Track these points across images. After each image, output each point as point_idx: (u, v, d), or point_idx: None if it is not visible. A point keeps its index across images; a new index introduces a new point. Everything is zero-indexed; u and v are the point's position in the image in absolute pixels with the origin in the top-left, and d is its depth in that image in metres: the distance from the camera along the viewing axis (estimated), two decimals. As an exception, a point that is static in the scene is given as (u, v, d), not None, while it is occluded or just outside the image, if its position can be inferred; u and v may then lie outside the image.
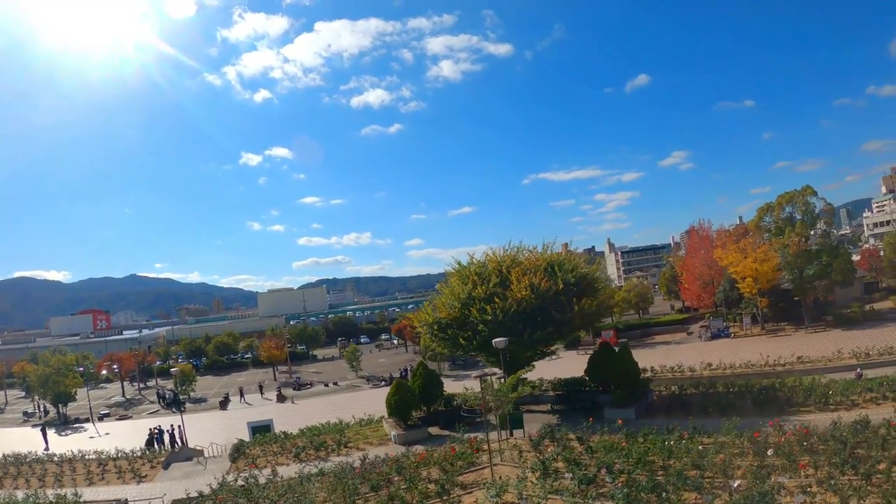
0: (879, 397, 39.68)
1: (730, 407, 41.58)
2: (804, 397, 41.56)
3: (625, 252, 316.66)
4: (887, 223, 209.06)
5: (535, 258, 50.83)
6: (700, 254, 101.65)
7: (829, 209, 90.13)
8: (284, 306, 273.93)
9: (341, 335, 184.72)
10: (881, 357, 58.29)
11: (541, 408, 51.66)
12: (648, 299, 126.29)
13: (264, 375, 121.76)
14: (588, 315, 48.67)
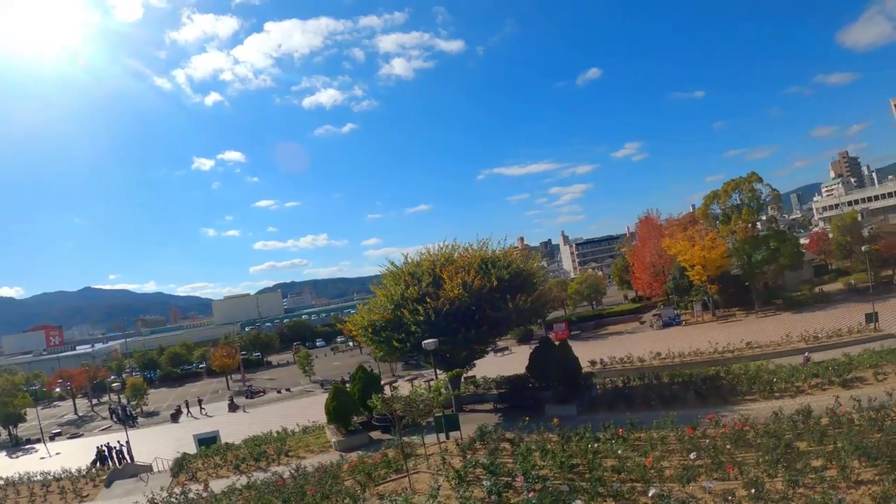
0: (825, 382, 38.86)
1: (673, 398, 40.89)
2: (748, 385, 40.66)
3: (579, 244, 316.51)
4: (836, 207, 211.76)
5: (469, 256, 49.13)
6: (650, 243, 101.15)
7: (776, 195, 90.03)
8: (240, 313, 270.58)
9: (297, 339, 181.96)
10: (830, 339, 58.12)
11: (484, 407, 50.50)
12: (601, 290, 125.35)
13: (218, 385, 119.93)
14: (524, 311, 47.05)
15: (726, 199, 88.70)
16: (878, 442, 20.16)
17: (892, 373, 38.47)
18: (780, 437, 23.25)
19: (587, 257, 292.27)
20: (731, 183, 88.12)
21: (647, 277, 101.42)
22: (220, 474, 42.11)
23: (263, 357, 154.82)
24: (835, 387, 37.67)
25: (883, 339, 55.13)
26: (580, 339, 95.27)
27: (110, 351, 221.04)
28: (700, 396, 40.54)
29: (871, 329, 59.13)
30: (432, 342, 37.56)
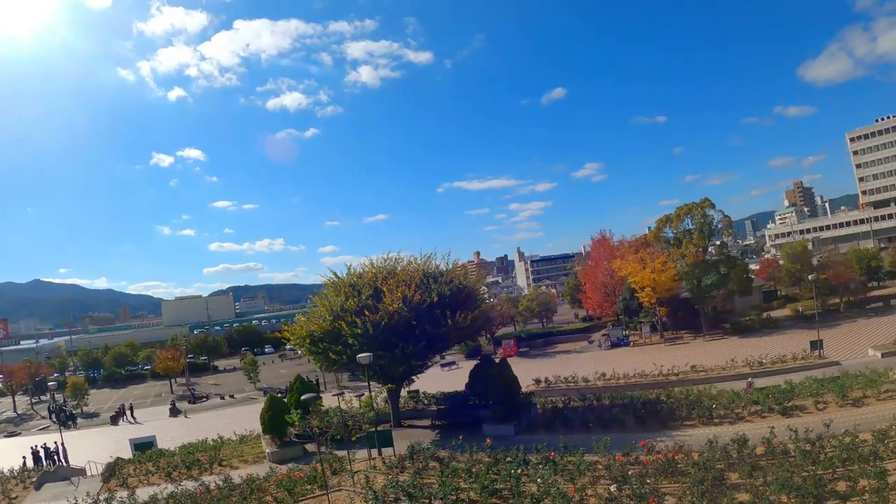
0: (765, 410, 38.41)
1: (613, 421, 40.26)
2: (688, 411, 39.98)
3: (534, 261, 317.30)
4: (788, 234, 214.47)
5: (412, 270, 47.88)
6: (602, 264, 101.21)
7: (727, 221, 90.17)
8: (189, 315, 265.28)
9: (246, 345, 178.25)
10: (774, 366, 58.17)
11: (423, 422, 49.47)
12: (552, 308, 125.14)
13: (162, 388, 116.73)
14: (463, 328, 45.85)
15: (678, 224, 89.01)
16: (808, 478, 19.33)
17: (833, 402, 38.27)
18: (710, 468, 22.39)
19: (542, 274, 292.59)
20: (683, 208, 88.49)
21: (597, 297, 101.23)
22: (151, 481, 40.66)
23: (210, 361, 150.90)
24: (774, 414, 37.36)
25: (826, 366, 55.39)
26: (529, 356, 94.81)
27: (55, 347, 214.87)
28: (639, 420, 39.92)
29: (816, 356, 59.13)
30: (366, 356, 36.43)
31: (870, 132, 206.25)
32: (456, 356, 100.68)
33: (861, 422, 31.80)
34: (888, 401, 37.46)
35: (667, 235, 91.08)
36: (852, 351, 63.01)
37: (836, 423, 30.97)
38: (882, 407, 36.05)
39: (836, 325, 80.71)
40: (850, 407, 37.24)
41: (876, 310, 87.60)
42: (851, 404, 37.61)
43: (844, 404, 37.63)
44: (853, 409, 36.87)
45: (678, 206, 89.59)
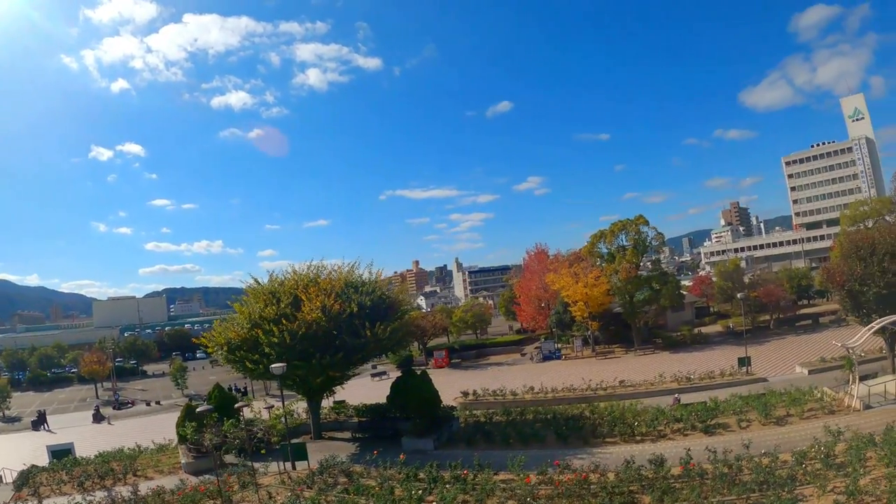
0: (687, 427, 37.79)
1: (534, 437, 39.25)
2: (609, 428, 39.09)
3: (472, 272, 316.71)
4: (722, 252, 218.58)
5: (333, 279, 45.97)
6: (536, 277, 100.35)
7: (661, 238, 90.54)
8: (121, 316, 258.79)
9: (178, 349, 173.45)
10: (701, 381, 57.97)
11: (344, 435, 48.10)
12: (486, 320, 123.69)
13: (87, 392, 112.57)
14: (383, 340, 44.09)
15: (612, 239, 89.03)
16: None
17: (756, 420, 37.79)
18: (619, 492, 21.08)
19: (479, 286, 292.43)
20: (618, 224, 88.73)
21: (531, 310, 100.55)
22: (63, 491, 38.84)
23: (139, 366, 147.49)
24: (697, 433, 36.75)
25: (754, 382, 55.56)
26: (461, 368, 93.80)
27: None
28: (561, 437, 38.83)
29: (743, 373, 59.11)
30: (279, 366, 35.46)
31: (804, 157, 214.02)
32: (387, 366, 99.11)
33: (783, 441, 31.24)
34: (811, 419, 37.20)
35: (601, 251, 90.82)
36: (780, 368, 63.11)
37: (759, 442, 30.47)
38: (805, 426, 35.66)
39: (765, 341, 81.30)
40: (773, 426, 36.74)
41: (805, 327, 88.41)
42: (775, 423, 37.13)
43: (768, 423, 37.12)
44: (776, 427, 36.35)
45: (612, 223, 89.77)
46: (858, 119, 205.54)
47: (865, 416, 36.37)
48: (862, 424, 33.48)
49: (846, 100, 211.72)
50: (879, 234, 51.38)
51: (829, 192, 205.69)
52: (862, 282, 48.43)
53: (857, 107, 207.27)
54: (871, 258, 47.85)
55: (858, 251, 49.34)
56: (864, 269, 48.14)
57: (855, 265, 49.23)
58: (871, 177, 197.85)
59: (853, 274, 49.19)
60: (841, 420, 35.42)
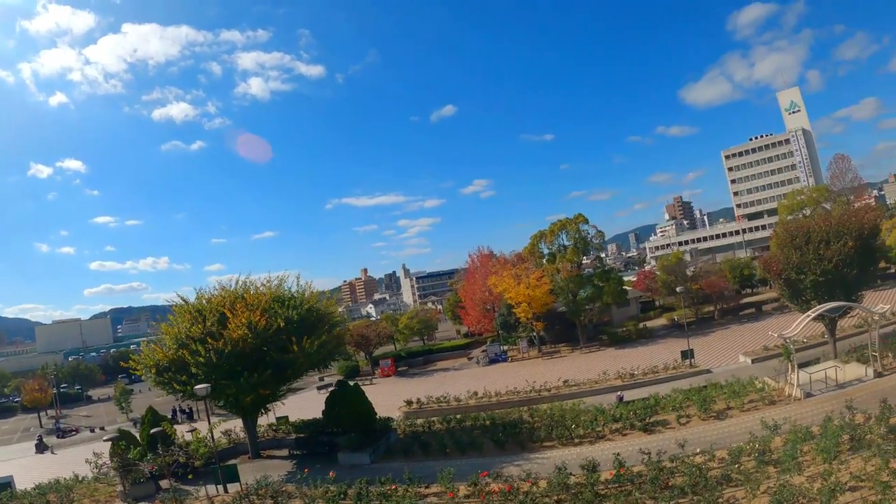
0: (626, 427, 37.03)
1: (472, 445, 38.25)
2: (547, 431, 38.01)
3: (420, 277, 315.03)
4: (667, 246, 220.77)
5: (260, 294, 44.60)
6: (480, 280, 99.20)
7: (600, 236, 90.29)
8: (65, 340, 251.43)
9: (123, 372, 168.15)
10: (645, 377, 57.29)
11: (281, 452, 46.77)
12: (433, 325, 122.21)
13: (32, 422, 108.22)
14: (312, 355, 42.69)
15: (553, 239, 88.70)
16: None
17: (696, 415, 37.24)
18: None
19: (428, 291, 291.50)
20: (557, 223, 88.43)
21: (476, 313, 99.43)
22: None
23: (84, 391, 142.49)
24: (636, 431, 36.05)
25: (697, 374, 55.15)
26: (407, 376, 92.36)
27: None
28: (498, 443, 37.89)
29: (687, 365, 58.54)
30: (202, 388, 34.74)
31: (743, 150, 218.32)
32: (335, 377, 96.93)
33: (723, 436, 30.67)
34: (752, 411, 36.65)
35: (542, 251, 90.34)
36: (724, 358, 62.84)
37: (698, 438, 29.93)
38: (745, 419, 35.06)
39: (710, 332, 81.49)
40: (713, 420, 36.13)
41: (749, 316, 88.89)
42: (715, 417, 36.54)
43: (708, 418, 36.51)
44: (716, 422, 35.74)
45: (552, 222, 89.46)
46: (795, 112, 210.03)
47: (806, 405, 36.03)
48: (802, 414, 33.14)
49: (782, 93, 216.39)
50: (815, 222, 51.63)
51: (768, 182, 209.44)
52: (798, 270, 48.39)
53: (793, 100, 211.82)
54: (806, 247, 47.85)
55: (794, 240, 49.37)
56: (800, 258, 48.10)
57: (791, 254, 49.20)
58: (808, 167, 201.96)
59: (789, 263, 49.16)
60: (781, 411, 35.02)
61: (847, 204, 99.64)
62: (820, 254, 46.67)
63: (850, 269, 46.70)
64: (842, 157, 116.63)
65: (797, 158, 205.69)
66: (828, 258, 46.15)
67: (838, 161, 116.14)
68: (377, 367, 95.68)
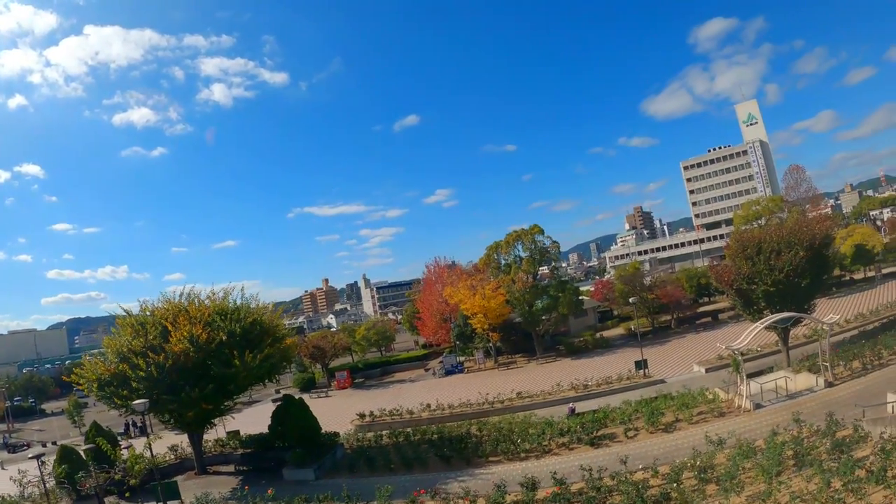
0: (573, 441, 36.40)
1: (417, 460, 37.70)
2: (493, 446, 37.36)
3: (380, 288, 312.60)
4: (625, 256, 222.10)
5: (203, 307, 43.30)
6: (436, 291, 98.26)
7: (556, 247, 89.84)
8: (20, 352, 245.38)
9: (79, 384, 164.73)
10: (599, 387, 56.96)
11: (228, 468, 45.65)
12: (390, 336, 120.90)
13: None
14: (255, 369, 41.49)
15: (508, 250, 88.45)
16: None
17: (644, 428, 36.84)
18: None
19: (388, 301, 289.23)
20: (513, 234, 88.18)
21: (433, 324, 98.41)
22: None
23: (38, 404, 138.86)
24: (583, 445, 35.56)
25: (650, 385, 55.13)
26: (364, 388, 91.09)
27: None
28: (444, 458, 37.24)
29: (640, 376, 58.35)
30: (141, 403, 32.97)
31: (701, 161, 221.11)
32: (291, 390, 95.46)
33: (669, 450, 30.23)
34: (700, 424, 36.33)
35: (499, 261, 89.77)
36: (679, 368, 62.80)
37: (644, 452, 29.62)
38: (692, 431, 34.70)
39: (666, 341, 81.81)
40: (661, 433, 35.75)
41: (705, 325, 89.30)
42: (663, 430, 36.16)
43: (655, 431, 36.12)
44: (664, 435, 35.35)
45: (508, 233, 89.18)
46: (752, 124, 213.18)
47: (755, 417, 35.81)
48: (750, 427, 32.88)
49: (740, 106, 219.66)
50: (766, 232, 51.81)
51: (726, 193, 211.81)
52: (749, 280, 48.54)
53: (750, 112, 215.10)
54: (757, 257, 48.04)
55: (745, 250, 49.54)
56: (751, 268, 48.26)
57: (742, 264, 49.33)
58: (765, 177, 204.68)
59: (740, 273, 49.29)
60: (730, 423, 34.82)
61: (802, 214, 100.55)
62: (771, 264, 46.82)
63: (802, 279, 46.98)
64: (796, 168, 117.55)
65: (754, 169, 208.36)
66: (778, 268, 46.30)
67: (793, 172, 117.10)
68: (333, 379, 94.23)
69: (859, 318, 66.99)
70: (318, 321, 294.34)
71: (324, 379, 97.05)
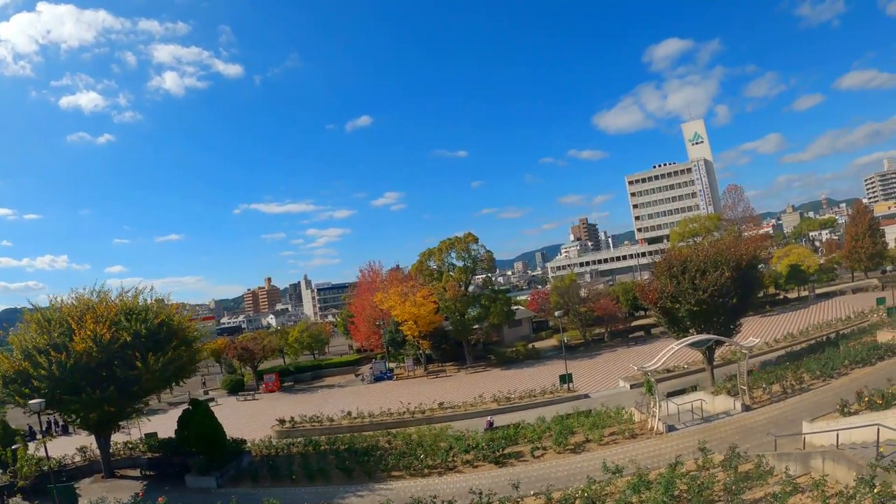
0: (479, 459, 35.66)
1: (320, 472, 36.29)
2: (396, 460, 36.38)
3: (321, 289, 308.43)
4: (566, 267, 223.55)
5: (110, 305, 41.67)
6: (369, 295, 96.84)
7: (489, 256, 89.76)
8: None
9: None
10: (521, 400, 56.68)
11: (135, 472, 43.73)
12: (324, 340, 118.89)
13: None
14: (156, 372, 39.80)
15: (441, 258, 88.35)
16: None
17: (551, 448, 36.08)
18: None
19: (329, 303, 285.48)
20: (446, 242, 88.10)
21: (365, 329, 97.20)
22: None
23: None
24: (488, 464, 34.75)
25: (574, 399, 54.75)
26: (292, 391, 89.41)
27: None
28: (346, 471, 36.08)
29: (564, 390, 57.98)
30: (37, 402, 32.77)
31: (646, 177, 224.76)
32: (218, 392, 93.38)
33: (573, 473, 29.77)
34: (610, 445, 35.80)
35: (432, 268, 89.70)
36: (605, 382, 62.97)
37: (547, 474, 29.40)
38: (601, 453, 33.90)
39: (597, 354, 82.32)
40: (569, 454, 35.02)
41: (637, 339, 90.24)
42: (571, 451, 35.44)
43: (563, 451, 35.40)
44: (572, 456, 34.62)
45: (441, 241, 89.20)
46: (698, 143, 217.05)
47: (667, 441, 35.25)
48: (659, 451, 32.50)
49: (687, 125, 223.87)
50: (693, 252, 51.92)
51: (669, 209, 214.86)
52: (674, 299, 48.27)
53: (697, 131, 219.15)
54: (682, 276, 47.88)
55: (671, 269, 49.39)
56: (675, 287, 48.03)
57: (666, 283, 49.07)
58: (708, 195, 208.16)
59: (664, 292, 49.05)
60: (640, 447, 34.36)
61: (738, 233, 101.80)
62: (695, 283, 46.66)
63: (729, 299, 46.91)
64: (734, 188, 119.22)
65: (698, 187, 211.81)
66: (703, 288, 46.14)
67: (731, 192, 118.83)
68: (262, 382, 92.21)
69: (788, 338, 67.84)
70: (258, 321, 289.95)
71: (253, 381, 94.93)
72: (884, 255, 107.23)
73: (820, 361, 45.31)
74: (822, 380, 41.94)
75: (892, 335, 49.82)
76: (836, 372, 42.67)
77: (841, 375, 42.27)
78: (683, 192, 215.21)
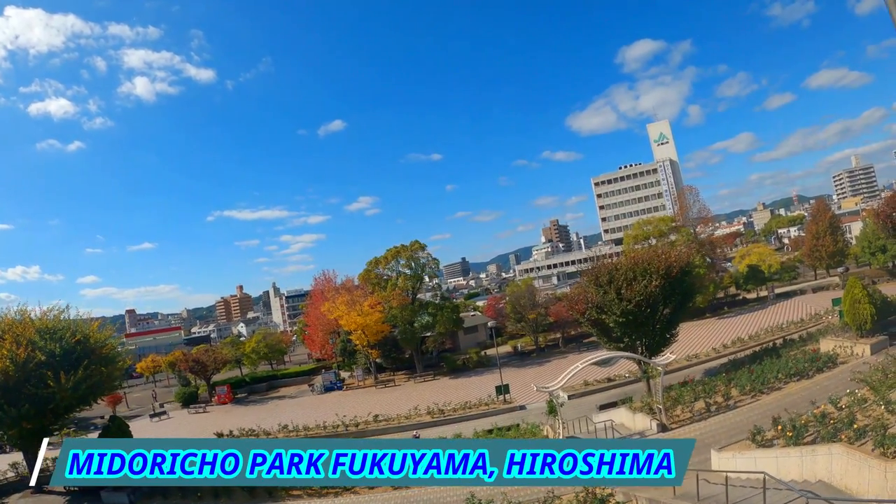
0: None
1: (224, 490, 35.88)
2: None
3: (289, 297, 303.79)
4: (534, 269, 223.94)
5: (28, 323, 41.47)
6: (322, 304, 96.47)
7: (435, 264, 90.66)
8: None
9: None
10: (455, 413, 56.64)
11: (60, 488, 42.65)
12: (281, 349, 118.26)
13: None
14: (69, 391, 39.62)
15: (385, 266, 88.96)
16: None
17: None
18: None
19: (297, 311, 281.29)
20: (392, 250, 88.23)
21: (320, 339, 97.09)
22: None
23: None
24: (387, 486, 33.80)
25: (510, 411, 55.21)
26: (244, 403, 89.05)
27: None
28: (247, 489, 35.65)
29: (501, 402, 57.80)
30: None
31: (612, 178, 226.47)
32: (172, 405, 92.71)
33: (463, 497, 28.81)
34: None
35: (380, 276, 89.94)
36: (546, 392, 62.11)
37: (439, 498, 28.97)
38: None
39: (546, 361, 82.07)
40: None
41: (590, 345, 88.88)
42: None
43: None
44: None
45: (388, 249, 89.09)
46: (663, 143, 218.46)
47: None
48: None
49: (652, 126, 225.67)
50: (621, 261, 51.78)
51: (635, 210, 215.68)
52: (600, 310, 48.15)
53: (662, 132, 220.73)
54: (608, 286, 47.42)
55: (597, 279, 49.00)
56: (601, 298, 47.79)
57: (593, 294, 48.92)
58: (674, 195, 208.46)
59: (590, 303, 48.97)
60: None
61: (692, 235, 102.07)
62: (620, 294, 46.27)
63: (660, 307, 46.91)
64: (689, 189, 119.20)
65: (664, 187, 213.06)
66: (628, 298, 45.73)
67: (686, 193, 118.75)
68: (214, 395, 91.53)
69: (737, 343, 67.06)
70: (228, 330, 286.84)
71: (206, 393, 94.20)
72: (844, 253, 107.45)
73: (752, 375, 43.48)
74: (752, 395, 40.37)
75: (835, 343, 48.68)
76: (767, 387, 41.02)
77: (773, 390, 40.67)
78: (649, 193, 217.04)
